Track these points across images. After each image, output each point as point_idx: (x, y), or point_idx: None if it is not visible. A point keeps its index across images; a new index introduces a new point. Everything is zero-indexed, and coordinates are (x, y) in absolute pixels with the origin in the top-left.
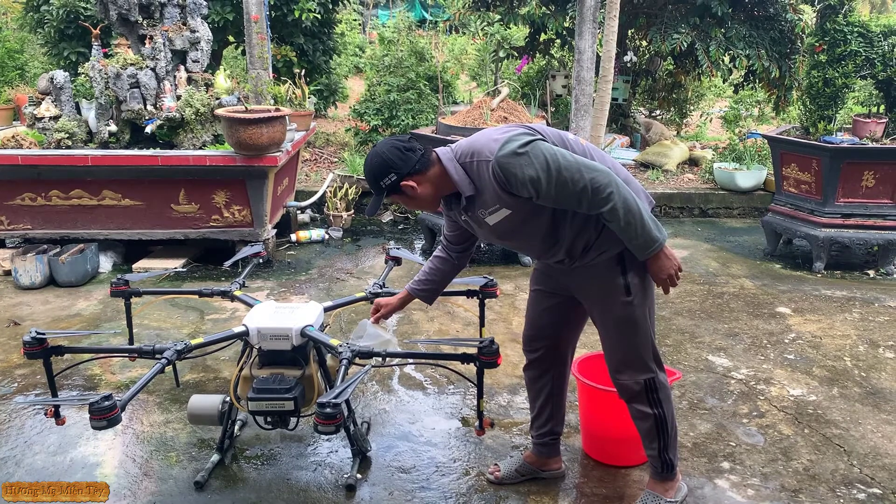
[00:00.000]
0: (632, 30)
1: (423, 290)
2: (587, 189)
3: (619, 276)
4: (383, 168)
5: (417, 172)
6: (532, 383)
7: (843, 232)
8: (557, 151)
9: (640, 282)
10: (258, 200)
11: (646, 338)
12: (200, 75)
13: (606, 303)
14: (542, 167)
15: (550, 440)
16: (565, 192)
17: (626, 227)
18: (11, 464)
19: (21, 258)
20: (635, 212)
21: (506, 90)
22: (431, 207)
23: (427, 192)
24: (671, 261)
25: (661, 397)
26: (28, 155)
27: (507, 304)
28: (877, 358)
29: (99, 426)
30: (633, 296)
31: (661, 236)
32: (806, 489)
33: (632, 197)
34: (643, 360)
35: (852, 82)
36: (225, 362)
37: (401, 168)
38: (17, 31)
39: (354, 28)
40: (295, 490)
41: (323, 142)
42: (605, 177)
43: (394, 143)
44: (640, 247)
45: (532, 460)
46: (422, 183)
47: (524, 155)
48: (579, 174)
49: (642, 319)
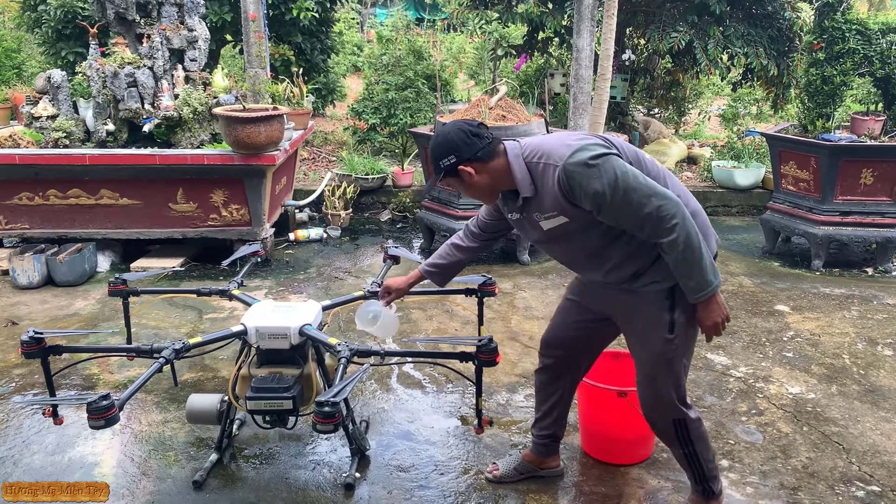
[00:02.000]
0: (630, 28)
1: (435, 271)
2: (652, 216)
3: (667, 311)
4: (446, 148)
5: (478, 160)
6: (542, 387)
7: (841, 230)
8: (630, 170)
9: (686, 322)
10: (256, 199)
11: (676, 378)
12: (198, 74)
13: (647, 336)
14: (610, 183)
15: (551, 441)
16: (628, 213)
17: (682, 263)
18: (10, 463)
19: (19, 258)
20: (695, 249)
21: (504, 89)
22: (486, 198)
23: (483, 183)
24: (721, 308)
25: (693, 436)
26: (25, 154)
27: (505, 303)
28: (875, 356)
29: (97, 425)
30: (676, 335)
31: (716, 281)
32: (805, 487)
33: (696, 234)
34: (672, 400)
35: (850, 80)
36: (223, 361)
37: (462, 152)
38: (15, 31)
39: (352, 27)
40: (293, 489)
41: (321, 141)
42: (674, 207)
43: (462, 125)
44: (692, 287)
45: (531, 459)
46: (480, 172)
47: (594, 167)
48: (647, 199)
49: (678, 360)
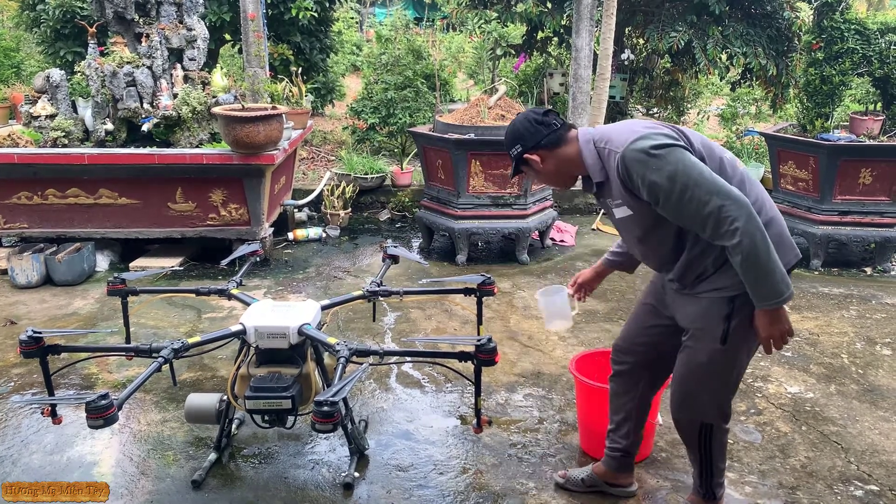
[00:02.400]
0: (629, 28)
1: (619, 260)
2: (713, 215)
3: (723, 321)
4: (512, 138)
5: (544, 147)
6: (615, 397)
7: (840, 229)
8: (695, 165)
9: (742, 335)
10: (255, 199)
11: (722, 389)
12: (197, 74)
13: (699, 340)
14: (670, 176)
15: (621, 455)
16: (688, 210)
17: (747, 270)
18: (8, 463)
19: (17, 257)
20: (762, 256)
21: (503, 88)
22: (558, 184)
23: (551, 170)
24: (781, 322)
25: (714, 444)
26: (24, 154)
27: (504, 303)
28: (874, 355)
29: (96, 425)
30: (728, 346)
31: (784, 294)
32: (803, 486)
33: (762, 239)
34: (707, 407)
35: (849, 80)
36: (222, 361)
37: (527, 141)
38: (14, 30)
39: (351, 26)
40: (292, 489)
41: (320, 140)
42: (739, 209)
43: (528, 114)
44: (760, 295)
45: (600, 472)
46: (547, 159)
47: (655, 157)
48: (709, 196)
49: (726, 371)
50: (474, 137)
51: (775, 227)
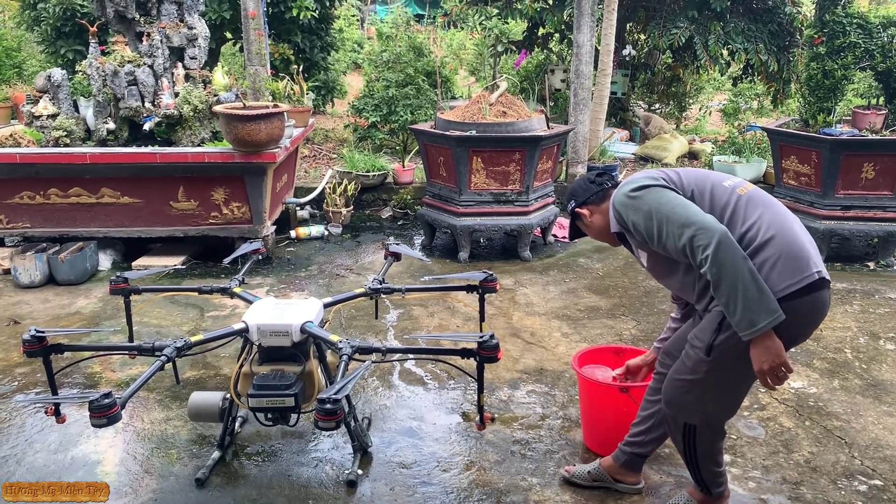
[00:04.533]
0: (630, 23)
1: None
2: (687, 246)
3: (713, 332)
4: (569, 195)
5: (592, 203)
6: (650, 393)
7: (843, 224)
8: (668, 202)
9: (729, 355)
10: (257, 197)
11: (703, 394)
12: (198, 72)
13: (692, 346)
14: (646, 215)
15: (631, 452)
16: (669, 244)
17: (719, 296)
18: (12, 462)
19: (20, 257)
20: (733, 283)
21: (504, 85)
22: (605, 238)
23: (598, 224)
24: (771, 354)
25: (697, 447)
26: (26, 153)
27: (506, 299)
28: (877, 350)
29: (99, 424)
30: (712, 360)
31: (759, 323)
32: (807, 481)
33: (733, 265)
34: (690, 405)
35: (851, 74)
36: (225, 359)
37: (579, 197)
38: (15, 30)
39: (352, 24)
40: (296, 486)
41: (322, 138)
42: (707, 236)
43: (588, 175)
44: (735, 323)
45: (608, 465)
46: (594, 213)
47: (634, 199)
48: (681, 229)
49: (708, 384)
50: (476, 134)
51: (775, 248)
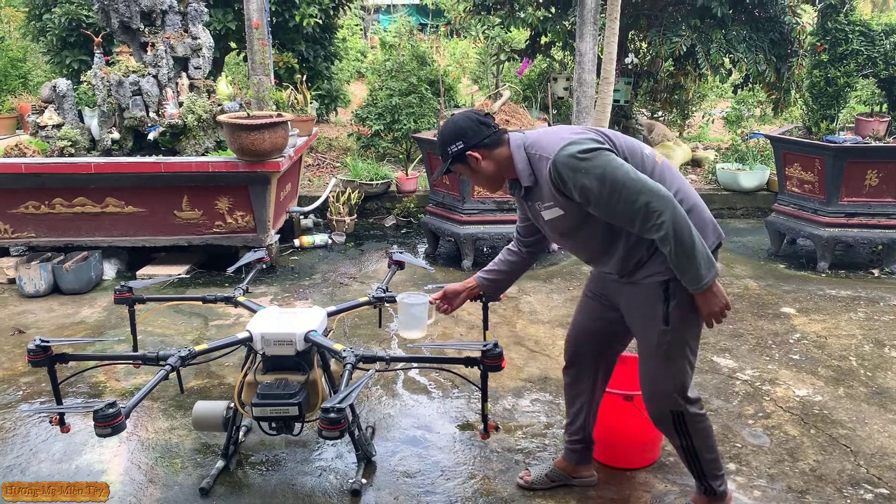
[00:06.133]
0: (633, 31)
1: (490, 280)
2: (641, 211)
3: (661, 303)
4: (455, 134)
5: (485, 146)
6: (569, 388)
7: (847, 231)
8: (620, 167)
9: (683, 314)
10: (261, 206)
11: (677, 371)
12: (202, 82)
13: (645, 327)
14: (599, 178)
15: (582, 448)
16: (618, 208)
17: (675, 258)
18: (17, 471)
19: (25, 266)
20: (687, 245)
21: (507, 93)
22: (492, 186)
23: (489, 169)
24: (718, 298)
25: (691, 430)
26: (31, 163)
27: (510, 308)
28: (882, 357)
29: (104, 433)
30: (672, 327)
31: (709, 275)
32: (813, 490)
33: (687, 228)
34: (669, 392)
35: (854, 81)
36: (229, 368)
37: (470, 138)
38: (20, 40)
39: (356, 33)
40: (300, 495)
41: (325, 147)
42: (662, 203)
43: (470, 113)
44: (688, 280)
45: (563, 466)
46: (486, 158)
47: (584, 161)
48: (636, 195)
49: (676, 352)
50: None
51: (697, 213)
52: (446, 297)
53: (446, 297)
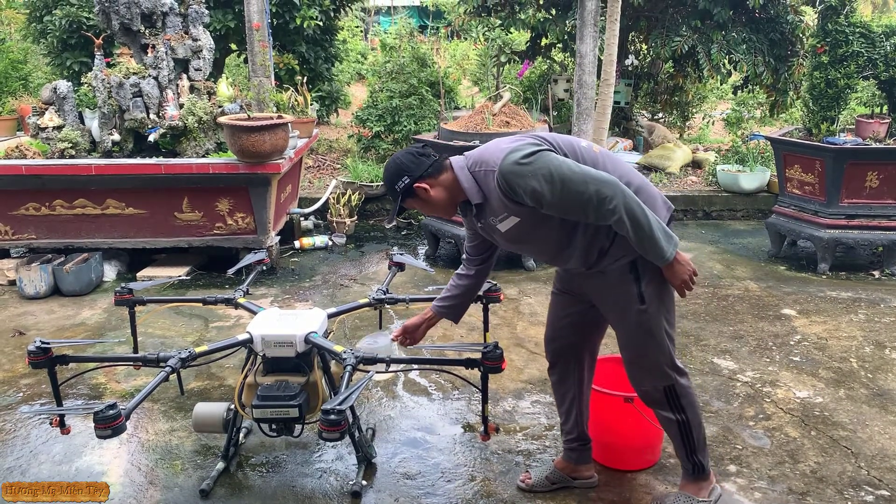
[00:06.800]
0: (633, 33)
1: (446, 307)
2: (592, 201)
3: (633, 283)
4: (398, 172)
5: (430, 176)
6: (556, 388)
7: (847, 233)
8: (563, 163)
9: (656, 289)
10: (261, 208)
11: (662, 345)
12: (203, 83)
13: (622, 311)
14: (546, 178)
15: (579, 445)
16: (570, 203)
17: (636, 238)
18: (17, 473)
19: (25, 268)
20: (643, 223)
21: (507, 95)
22: (446, 212)
23: (440, 196)
24: (684, 266)
25: (684, 403)
26: (32, 165)
27: (510, 309)
28: (883, 359)
29: (104, 435)
30: (648, 304)
31: (670, 248)
32: (813, 492)
33: (639, 208)
34: (660, 367)
35: (855, 83)
36: (229, 370)
37: (413, 171)
38: (21, 42)
39: (356, 35)
40: (300, 497)
41: (325, 148)
42: (610, 188)
43: (407, 150)
44: (653, 257)
45: (563, 467)
46: (434, 186)
47: (527, 165)
48: (584, 186)
49: (657, 327)
50: (479, 144)
51: (645, 191)
52: (407, 332)
53: (407, 332)
